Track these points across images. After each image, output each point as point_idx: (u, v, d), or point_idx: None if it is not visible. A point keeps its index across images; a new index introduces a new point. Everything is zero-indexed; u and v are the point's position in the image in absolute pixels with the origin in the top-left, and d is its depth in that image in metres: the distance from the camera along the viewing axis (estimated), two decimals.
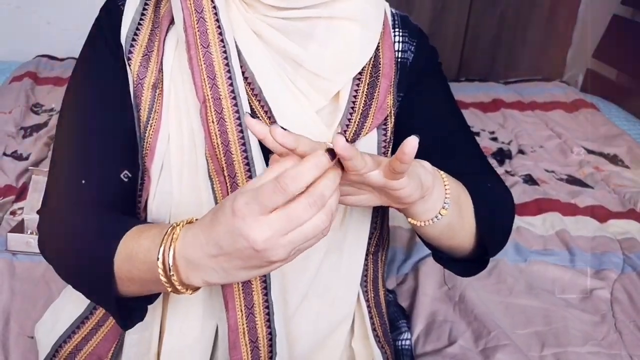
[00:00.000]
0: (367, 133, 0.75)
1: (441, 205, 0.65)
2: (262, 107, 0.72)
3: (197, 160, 0.72)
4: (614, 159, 1.99)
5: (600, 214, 1.65)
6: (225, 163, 0.70)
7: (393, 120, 0.78)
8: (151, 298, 0.69)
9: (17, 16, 2.65)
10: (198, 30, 0.70)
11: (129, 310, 0.67)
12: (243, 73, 0.71)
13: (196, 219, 0.59)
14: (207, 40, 0.70)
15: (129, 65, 0.73)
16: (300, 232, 0.50)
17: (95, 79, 0.76)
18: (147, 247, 0.60)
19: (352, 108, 0.74)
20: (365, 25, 0.74)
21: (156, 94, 0.73)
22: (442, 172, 0.67)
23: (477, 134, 2.21)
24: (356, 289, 0.80)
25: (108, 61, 0.75)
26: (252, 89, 0.72)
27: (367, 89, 0.75)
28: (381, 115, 0.76)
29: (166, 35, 0.74)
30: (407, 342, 1.08)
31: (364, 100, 0.74)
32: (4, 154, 1.82)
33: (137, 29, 0.75)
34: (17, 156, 1.82)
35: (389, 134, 0.77)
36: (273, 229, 0.49)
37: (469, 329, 1.20)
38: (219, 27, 0.70)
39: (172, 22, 0.74)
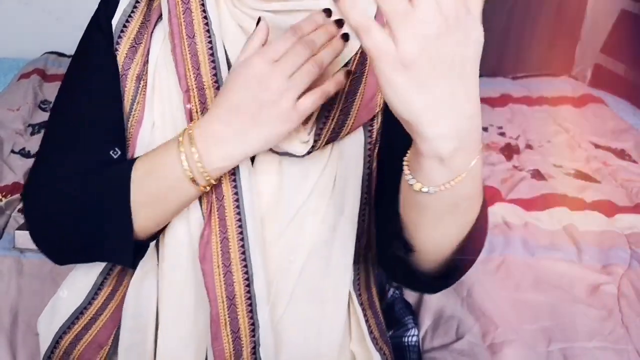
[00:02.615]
0: (349, 132, 0.72)
1: (470, 164, 0.52)
2: None
3: None
4: (621, 154, 1.99)
5: (608, 208, 1.64)
6: None
7: (380, 120, 0.75)
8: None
9: (26, 12, 2.66)
10: (184, 21, 0.71)
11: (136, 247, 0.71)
12: (227, 65, 0.72)
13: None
14: (193, 30, 0.71)
15: (116, 56, 0.75)
16: (286, 62, 0.63)
17: (89, 68, 0.78)
18: (162, 152, 0.68)
19: (331, 104, 0.70)
20: None
21: (140, 85, 0.74)
22: None
23: (485, 129, 2.20)
24: (346, 293, 0.77)
25: (102, 50, 0.76)
26: None
27: (349, 85, 0.71)
28: (367, 115, 0.73)
29: (154, 28, 0.76)
30: (414, 339, 1.08)
31: (345, 97, 0.71)
32: (12, 151, 1.84)
33: (127, 20, 0.76)
34: (25, 153, 1.83)
35: (374, 134, 0.75)
36: (265, 57, 0.63)
37: (476, 324, 1.21)
38: (205, 17, 0.72)
39: (161, 16, 0.75)
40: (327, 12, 0.67)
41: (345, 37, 0.67)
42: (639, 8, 2.48)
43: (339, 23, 0.66)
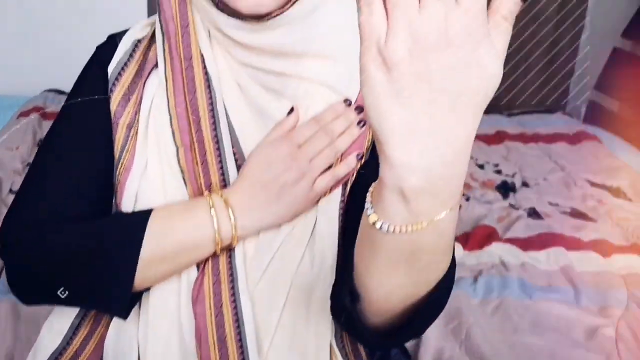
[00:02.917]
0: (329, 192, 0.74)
1: (437, 215, 0.46)
2: (236, 157, 0.75)
3: (182, 199, 0.75)
4: (616, 192, 2.00)
5: (604, 248, 1.65)
6: None
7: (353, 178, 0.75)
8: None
9: (27, 49, 2.68)
10: (186, 77, 0.74)
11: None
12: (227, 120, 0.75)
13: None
14: (194, 86, 0.74)
15: (109, 103, 0.77)
16: (308, 147, 0.70)
17: (84, 109, 0.79)
18: (186, 211, 0.72)
19: None
20: (336, 92, 0.74)
21: (131, 133, 0.76)
22: None
23: (482, 166, 2.22)
24: (327, 344, 0.75)
25: (97, 93, 0.78)
26: (231, 139, 0.75)
27: None
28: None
29: (148, 76, 0.78)
30: None
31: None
32: (10, 190, 1.84)
33: (122, 69, 0.78)
34: None
35: (346, 193, 0.74)
36: (292, 141, 0.70)
37: None
38: (206, 74, 0.74)
39: (156, 65, 0.78)
40: (347, 102, 0.73)
41: (362, 125, 0.72)
42: (631, 46, 2.51)
43: (358, 110, 0.72)
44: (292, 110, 0.73)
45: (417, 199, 0.44)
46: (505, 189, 2.06)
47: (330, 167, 0.73)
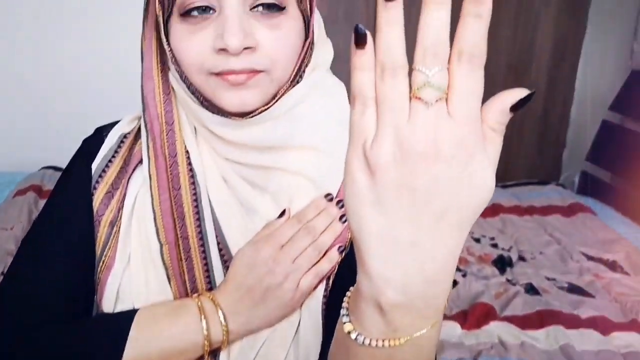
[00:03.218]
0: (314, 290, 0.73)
1: (417, 331, 0.43)
2: (222, 253, 0.74)
3: (165, 296, 0.75)
4: (613, 265, 1.99)
5: (603, 325, 1.62)
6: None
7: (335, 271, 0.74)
8: None
9: (25, 125, 2.70)
10: (171, 174, 0.74)
11: None
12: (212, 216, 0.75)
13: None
14: (179, 182, 0.74)
15: (92, 201, 0.77)
16: (291, 247, 0.69)
17: (67, 206, 0.79)
18: (173, 314, 0.69)
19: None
20: (317, 185, 0.74)
21: (113, 231, 0.76)
22: None
23: (478, 240, 2.22)
24: None
25: (80, 190, 0.78)
26: (217, 235, 0.74)
27: None
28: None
29: (132, 173, 0.78)
30: None
31: None
32: (2, 273, 1.81)
33: (107, 165, 0.79)
34: None
35: (329, 287, 0.73)
36: (274, 242, 0.69)
37: None
38: (190, 170, 0.74)
39: (140, 161, 0.78)
40: (329, 196, 0.73)
41: (344, 220, 0.72)
42: (620, 119, 2.56)
43: (340, 204, 0.72)
44: (284, 212, 0.73)
45: (395, 314, 0.42)
46: (502, 263, 2.05)
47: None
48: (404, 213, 0.38)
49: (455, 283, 1.86)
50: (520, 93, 0.38)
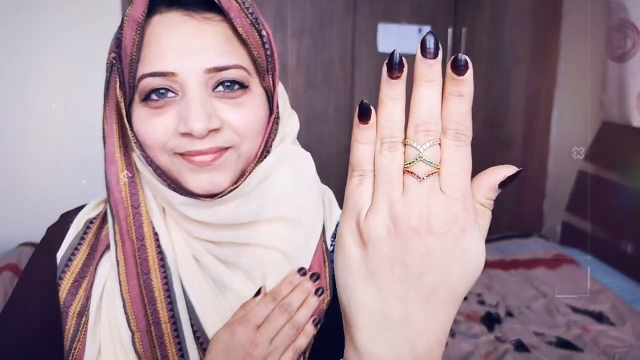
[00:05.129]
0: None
1: None
2: (197, 335, 0.72)
3: None
4: (599, 317, 2.00)
5: None
6: None
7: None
8: None
9: (3, 201, 2.67)
10: (139, 258, 0.71)
11: None
12: (184, 298, 0.73)
13: None
14: (148, 267, 0.71)
15: (59, 291, 0.74)
16: (267, 328, 0.68)
17: (32, 299, 0.76)
18: None
19: None
20: (290, 258, 0.74)
21: (82, 321, 0.73)
22: None
23: (465, 297, 2.22)
24: None
25: (45, 282, 0.76)
26: (190, 318, 0.72)
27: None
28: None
29: (100, 260, 0.76)
30: None
31: None
32: None
33: (73, 253, 0.76)
34: None
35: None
36: (249, 324, 0.67)
37: None
38: (160, 252, 0.72)
39: (108, 247, 0.75)
40: (302, 270, 0.72)
41: (319, 293, 0.71)
42: (594, 169, 2.61)
43: (314, 277, 0.72)
44: (259, 291, 0.72)
45: None
46: (490, 320, 2.05)
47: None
48: (396, 287, 0.39)
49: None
50: (508, 170, 0.40)
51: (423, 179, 0.38)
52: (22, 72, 2.59)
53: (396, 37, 2.85)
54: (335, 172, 2.77)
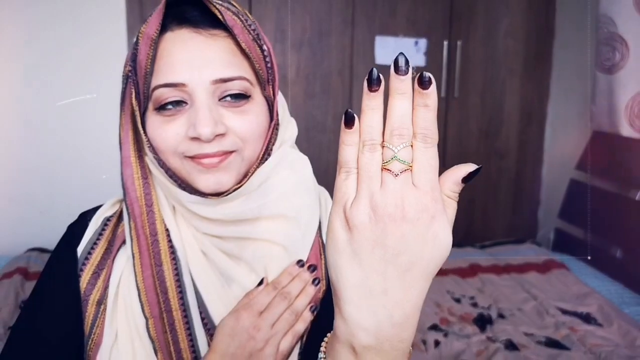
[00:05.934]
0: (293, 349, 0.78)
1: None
2: (205, 322, 0.78)
3: None
4: (587, 318, 2.06)
5: None
6: None
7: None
8: None
9: (10, 208, 2.74)
10: (153, 252, 0.78)
11: None
12: (194, 288, 0.79)
13: None
14: (160, 259, 0.78)
15: (79, 282, 0.81)
16: (268, 313, 0.73)
17: (54, 291, 0.82)
18: None
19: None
20: (289, 252, 0.80)
21: (100, 309, 0.79)
22: None
23: (458, 300, 2.28)
24: None
25: (67, 274, 0.82)
26: (199, 306, 0.79)
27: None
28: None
29: (117, 253, 0.82)
30: None
31: None
32: None
33: (92, 247, 0.83)
34: None
35: (303, 344, 0.79)
36: (252, 310, 0.73)
37: None
38: (171, 246, 0.79)
39: (124, 242, 0.82)
40: (300, 262, 0.80)
41: (316, 282, 0.78)
42: (586, 177, 2.68)
43: (311, 268, 0.78)
44: (261, 282, 0.78)
45: (366, 355, 0.48)
46: (482, 321, 2.11)
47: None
48: (376, 265, 0.46)
49: (437, 343, 1.92)
50: (469, 167, 0.48)
51: (398, 175, 0.46)
52: (22, 73, 2.67)
53: (393, 50, 2.92)
54: (333, 179, 2.81)
